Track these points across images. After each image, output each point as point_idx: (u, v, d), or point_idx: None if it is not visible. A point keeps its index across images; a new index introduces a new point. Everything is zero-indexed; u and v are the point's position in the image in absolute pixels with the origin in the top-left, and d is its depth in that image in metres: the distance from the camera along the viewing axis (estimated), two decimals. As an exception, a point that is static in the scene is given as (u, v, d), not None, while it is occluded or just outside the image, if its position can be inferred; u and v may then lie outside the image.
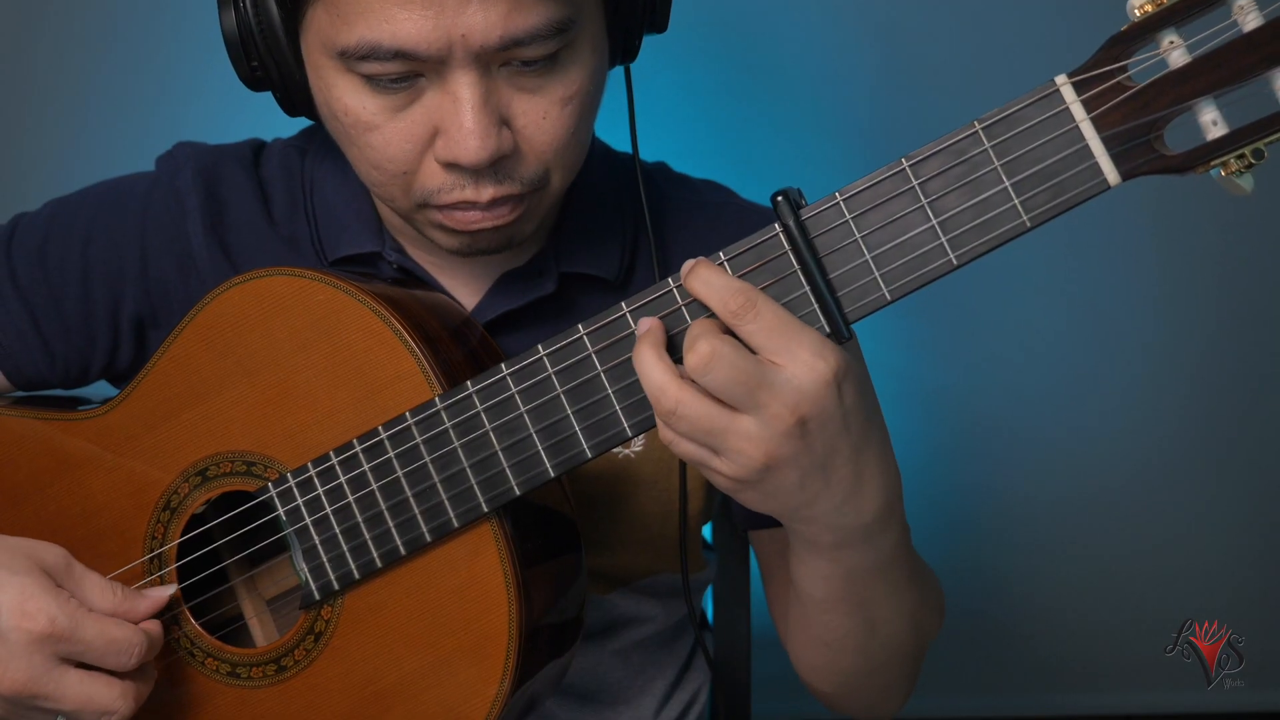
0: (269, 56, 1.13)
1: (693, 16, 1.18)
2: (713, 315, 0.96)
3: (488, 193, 1.09)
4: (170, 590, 1.13)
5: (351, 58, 1.04)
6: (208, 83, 1.93)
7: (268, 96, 1.18)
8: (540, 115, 1.08)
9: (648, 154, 1.35)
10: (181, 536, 1.14)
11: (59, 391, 1.31)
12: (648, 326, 0.98)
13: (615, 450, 1.23)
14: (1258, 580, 2.38)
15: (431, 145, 1.08)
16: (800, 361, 0.93)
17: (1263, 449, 2.35)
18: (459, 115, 1.05)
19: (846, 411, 0.96)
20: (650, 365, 0.96)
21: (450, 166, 1.08)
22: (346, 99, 1.08)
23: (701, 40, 2.07)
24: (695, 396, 0.94)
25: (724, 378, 0.93)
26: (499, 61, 1.05)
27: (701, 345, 0.93)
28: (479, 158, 1.06)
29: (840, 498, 1.00)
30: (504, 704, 1.07)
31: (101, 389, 1.30)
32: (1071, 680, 2.41)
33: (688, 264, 0.97)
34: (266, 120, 1.34)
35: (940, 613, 1.28)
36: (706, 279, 0.96)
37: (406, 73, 1.05)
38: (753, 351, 0.94)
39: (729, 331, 0.95)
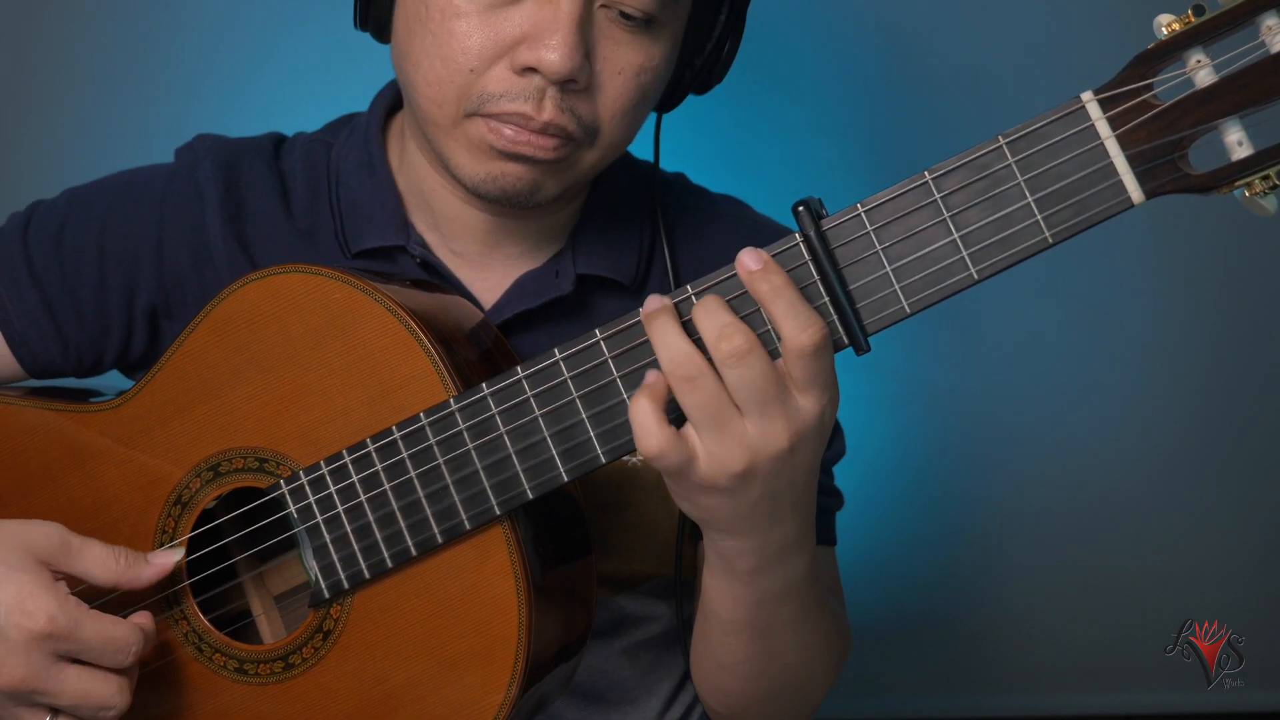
0: None
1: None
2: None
3: (547, 113, 1.11)
4: (177, 555, 1.12)
5: None
6: (211, 80, 1.93)
7: (269, 93, 1.18)
8: (617, 69, 1.13)
9: (664, 162, 1.35)
10: (192, 531, 1.14)
11: (72, 382, 1.31)
12: (659, 303, 0.98)
13: (622, 457, 1.23)
14: (1258, 580, 2.38)
15: (510, 53, 1.11)
16: (814, 398, 0.96)
17: (1263, 450, 2.34)
18: (556, 23, 1.09)
19: (821, 446, 1.00)
20: (676, 334, 0.96)
21: (526, 72, 1.10)
22: None
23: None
24: (716, 375, 0.95)
25: (751, 377, 0.94)
26: (604, 1, 1.09)
27: (739, 339, 0.94)
28: (562, 67, 1.08)
29: (775, 522, 1.03)
30: (511, 708, 1.07)
31: (114, 380, 1.30)
32: (1072, 680, 2.41)
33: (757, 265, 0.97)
34: (271, 117, 1.34)
35: (841, 655, 1.30)
36: (780, 292, 0.96)
37: None
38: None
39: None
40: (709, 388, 0.95)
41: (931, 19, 2.14)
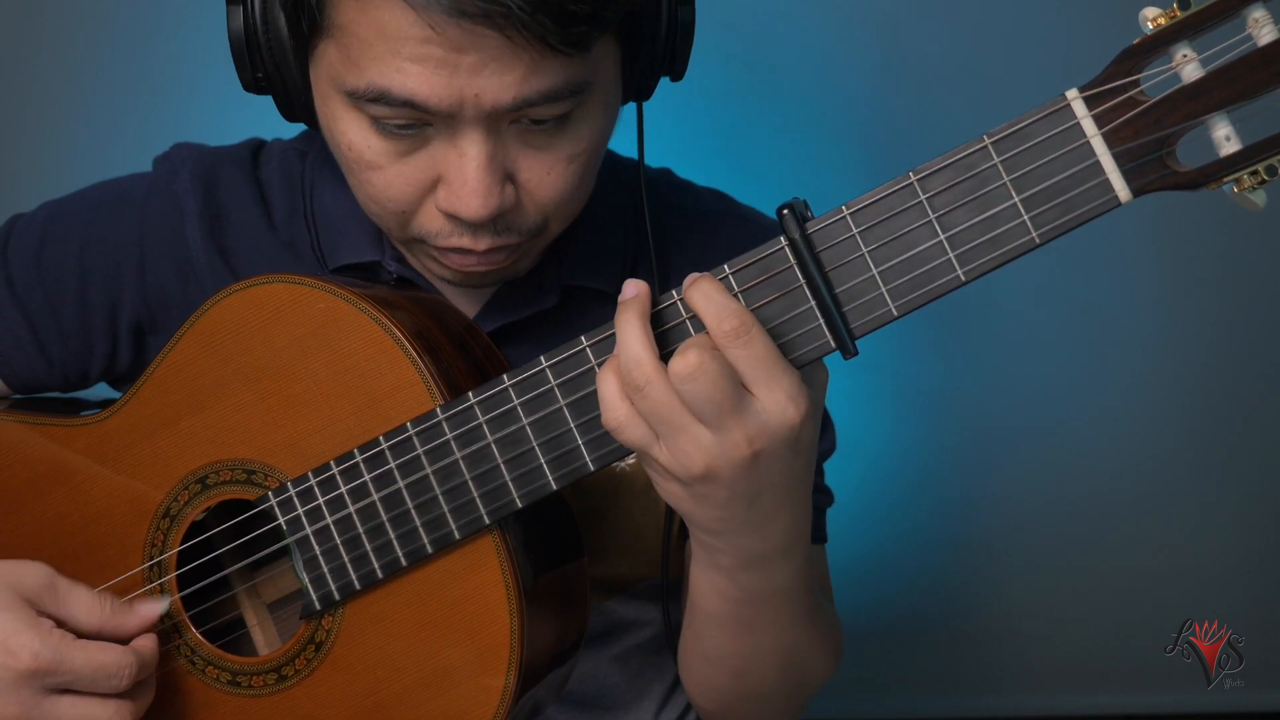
0: (274, 69, 1.12)
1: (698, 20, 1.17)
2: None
3: (485, 243, 1.09)
4: (162, 606, 1.12)
5: (360, 99, 1.03)
6: (208, 82, 1.92)
7: (270, 100, 1.16)
8: (545, 171, 1.08)
9: (652, 158, 1.34)
10: (181, 544, 1.13)
11: (58, 394, 1.30)
12: (635, 290, 0.97)
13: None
14: (1258, 580, 2.38)
15: (433, 191, 1.08)
16: (775, 400, 0.93)
17: (1263, 450, 2.35)
18: (464, 171, 1.04)
19: (796, 455, 0.97)
20: (634, 335, 0.94)
21: (450, 217, 1.08)
22: (351, 135, 1.07)
23: (706, 43, 2.06)
24: (667, 383, 0.93)
25: (702, 392, 0.92)
26: (509, 119, 1.04)
27: (692, 355, 0.92)
28: (480, 215, 1.05)
29: (754, 526, 1.01)
30: (505, 717, 1.06)
31: (102, 391, 1.30)
32: (1072, 680, 2.41)
33: (691, 277, 0.96)
34: (269, 122, 1.33)
35: (834, 656, 1.28)
36: (708, 293, 0.94)
37: (414, 120, 1.04)
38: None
39: None
40: (656, 396, 0.93)
41: (920, 15, 2.14)
